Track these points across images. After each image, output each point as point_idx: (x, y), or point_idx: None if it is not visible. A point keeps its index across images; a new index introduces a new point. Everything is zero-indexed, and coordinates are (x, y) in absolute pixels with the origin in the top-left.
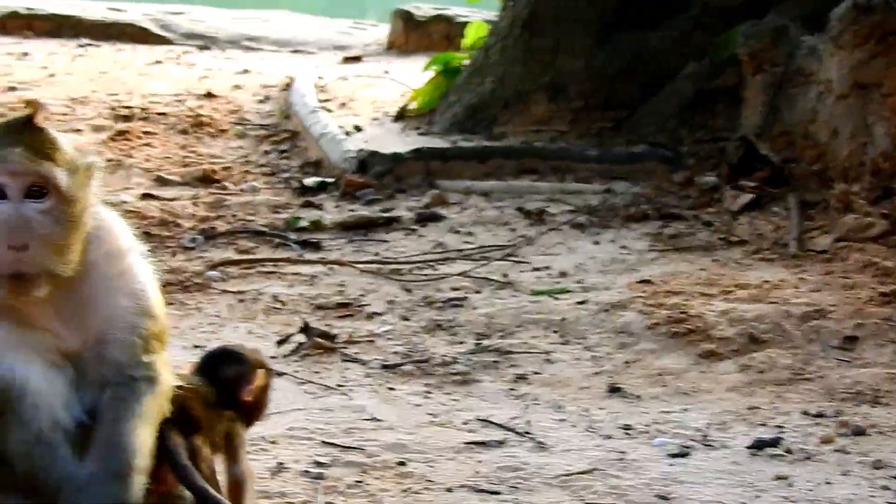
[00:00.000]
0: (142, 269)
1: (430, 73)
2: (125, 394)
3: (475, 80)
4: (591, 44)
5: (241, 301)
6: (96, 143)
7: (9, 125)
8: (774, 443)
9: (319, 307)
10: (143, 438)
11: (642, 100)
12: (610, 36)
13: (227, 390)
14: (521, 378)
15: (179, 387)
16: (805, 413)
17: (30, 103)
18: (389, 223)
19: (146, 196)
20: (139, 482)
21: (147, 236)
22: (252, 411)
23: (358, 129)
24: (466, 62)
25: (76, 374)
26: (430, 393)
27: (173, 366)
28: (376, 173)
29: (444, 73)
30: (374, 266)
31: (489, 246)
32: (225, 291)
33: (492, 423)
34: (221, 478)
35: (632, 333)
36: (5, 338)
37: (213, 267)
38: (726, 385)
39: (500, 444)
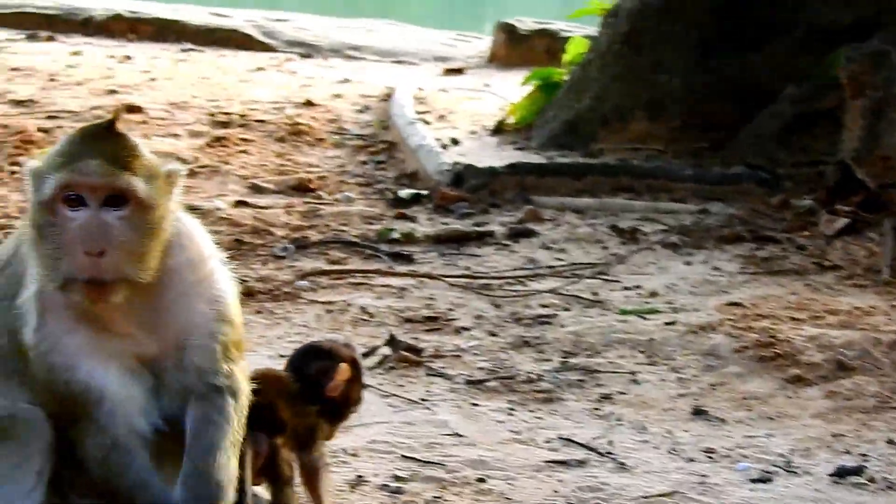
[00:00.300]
0: (221, 277)
1: (529, 88)
2: (212, 414)
3: (574, 96)
4: (691, 63)
5: (329, 311)
6: (193, 148)
7: (89, 132)
8: (857, 471)
9: (407, 320)
10: (232, 464)
11: (741, 121)
12: (710, 56)
13: (312, 386)
14: (605, 397)
15: (266, 385)
16: (890, 442)
17: (115, 109)
18: (482, 237)
19: (240, 203)
20: (227, 496)
21: (238, 244)
22: (339, 407)
23: (455, 141)
24: (566, 78)
25: (155, 380)
26: (513, 410)
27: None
28: (471, 187)
29: (543, 87)
30: (464, 280)
31: (580, 263)
32: (313, 301)
33: (574, 442)
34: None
35: (719, 356)
36: (83, 343)
37: (303, 276)
38: (811, 411)
39: (581, 463)
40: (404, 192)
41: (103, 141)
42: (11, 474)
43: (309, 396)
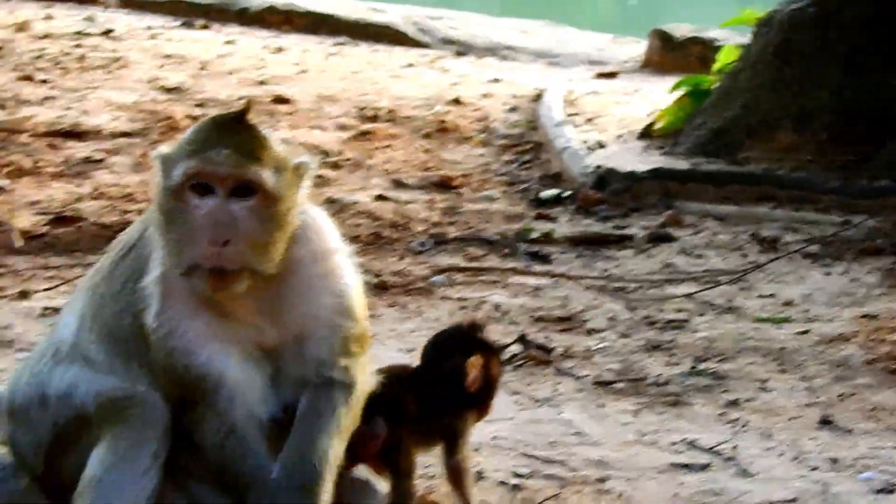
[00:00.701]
0: (347, 271)
1: (678, 94)
2: (322, 403)
3: (722, 104)
4: (840, 76)
5: (463, 308)
6: (339, 141)
7: (220, 121)
8: None
9: (539, 319)
10: (334, 451)
11: (889, 135)
12: (860, 69)
13: (452, 384)
14: (733, 403)
15: (396, 379)
16: None
17: (247, 99)
18: (621, 241)
19: (381, 198)
20: (325, 496)
21: (377, 237)
22: (483, 394)
23: (601, 144)
24: (715, 86)
25: (274, 369)
26: (639, 412)
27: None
28: (614, 190)
29: (692, 94)
30: (600, 282)
31: (718, 270)
32: (447, 297)
33: (698, 446)
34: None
35: (850, 367)
36: (204, 329)
37: (440, 272)
38: None
39: (704, 467)
40: (546, 193)
41: (234, 131)
42: (127, 456)
43: (453, 396)
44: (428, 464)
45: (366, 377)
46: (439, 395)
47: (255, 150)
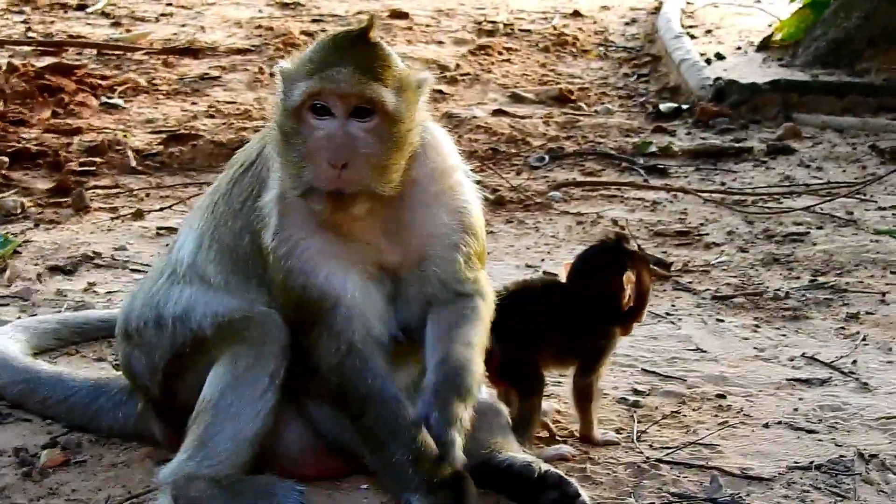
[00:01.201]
0: (466, 188)
1: (798, 5)
2: (460, 310)
3: (842, 15)
4: None
5: (580, 223)
6: (456, 56)
7: (342, 39)
8: None
9: (658, 234)
10: (479, 356)
11: None
12: None
13: (603, 301)
14: (852, 317)
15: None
16: None
17: (371, 16)
18: (739, 153)
19: (498, 112)
20: (476, 394)
21: (494, 153)
22: (631, 313)
23: (720, 56)
24: None
25: (395, 289)
26: (758, 327)
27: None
28: (732, 102)
29: (812, 5)
30: (719, 196)
31: (837, 182)
32: (565, 212)
33: (817, 360)
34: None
35: None
36: (322, 249)
37: (557, 187)
38: None
39: (824, 382)
40: (664, 106)
41: (355, 49)
42: (245, 376)
43: (605, 313)
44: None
45: (490, 287)
46: (591, 313)
47: (377, 69)
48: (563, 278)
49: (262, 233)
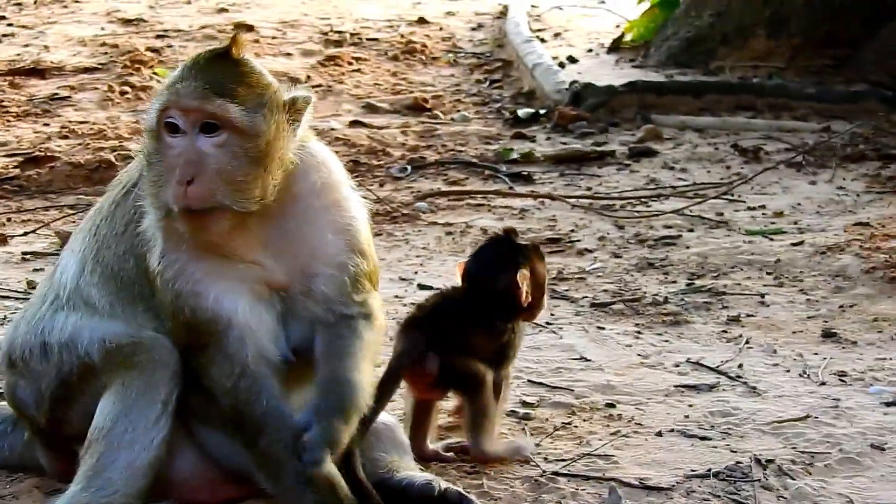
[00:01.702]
0: (352, 204)
1: (646, 5)
2: (345, 336)
3: (694, 13)
4: None
5: (450, 234)
6: (306, 67)
7: (202, 57)
8: None
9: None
10: (365, 376)
11: (865, 38)
12: None
13: (504, 301)
14: (733, 320)
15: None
16: None
17: (235, 34)
18: (602, 157)
19: (355, 123)
20: (357, 419)
21: (356, 165)
22: (533, 302)
23: (572, 59)
24: None
25: (284, 309)
26: (640, 333)
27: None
28: (590, 105)
29: (661, 4)
30: (586, 201)
31: (703, 183)
32: (433, 223)
33: (703, 366)
34: None
35: (848, 277)
36: (210, 270)
37: (423, 198)
38: None
39: (712, 388)
40: (522, 112)
41: (211, 66)
42: (137, 403)
43: (508, 312)
44: None
45: (381, 311)
46: (494, 314)
47: (228, 84)
48: (457, 280)
49: (148, 256)
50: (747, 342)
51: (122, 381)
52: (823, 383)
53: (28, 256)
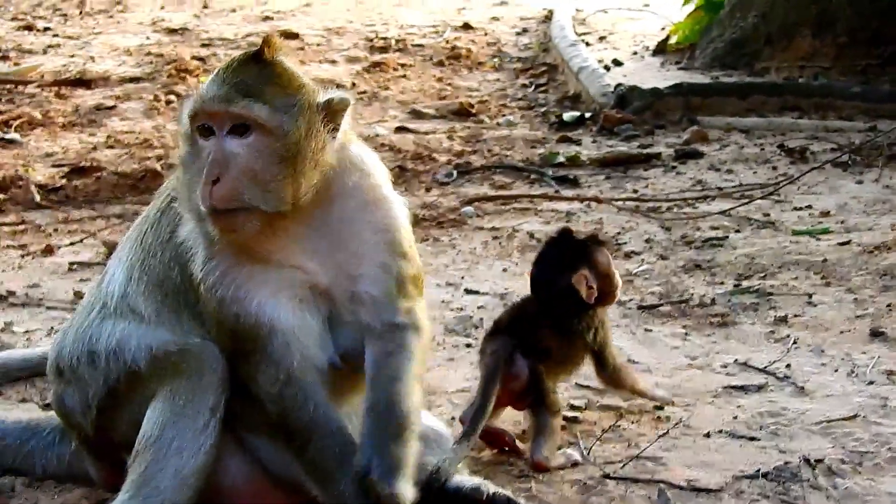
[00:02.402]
0: (392, 205)
1: (691, 7)
2: (391, 346)
3: (738, 15)
4: None
5: (496, 238)
6: (351, 74)
7: (235, 60)
8: None
9: None
10: (416, 396)
11: None
12: None
13: (570, 302)
14: (781, 320)
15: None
16: None
17: (267, 35)
18: (648, 159)
19: (401, 129)
20: (414, 443)
21: (401, 170)
22: (604, 294)
23: (617, 63)
24: None
25: (330, 313)
26: (688, 335)
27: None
28: (635, 108)
29: (706, 6)
30: (632, 203)
31: (750, 184)
32: (480, 228)
33: (751, 366)
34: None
35: (895, 276)
36: (252, 275)
37: (469, 202)
38: None
39: (760, 388)
40: (568, 115)
41: (243, 69)
42: (185, 410)
43: (574, 312)
44: None
45: (427, 319)
46: (565, 315)
47: (256, 85)
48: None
49: (191, 263)
50: (795, 342)
51: (170, 389)
52: (871, 382)
53: (75, 266)
